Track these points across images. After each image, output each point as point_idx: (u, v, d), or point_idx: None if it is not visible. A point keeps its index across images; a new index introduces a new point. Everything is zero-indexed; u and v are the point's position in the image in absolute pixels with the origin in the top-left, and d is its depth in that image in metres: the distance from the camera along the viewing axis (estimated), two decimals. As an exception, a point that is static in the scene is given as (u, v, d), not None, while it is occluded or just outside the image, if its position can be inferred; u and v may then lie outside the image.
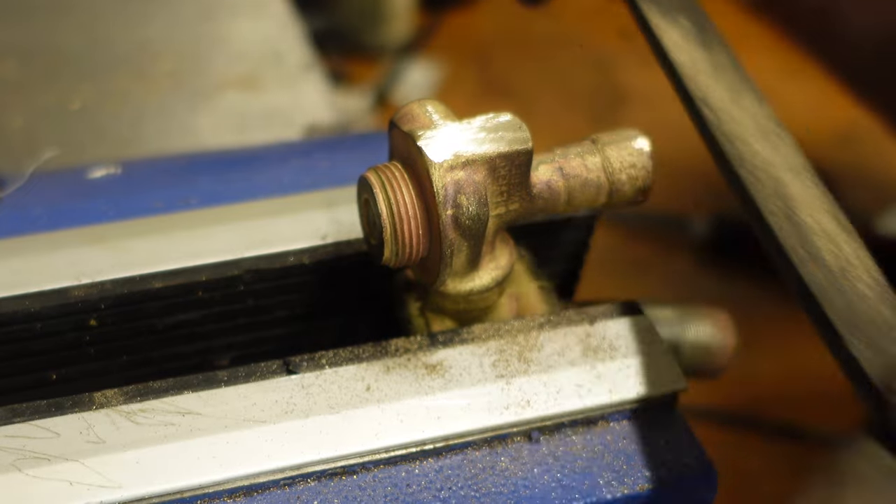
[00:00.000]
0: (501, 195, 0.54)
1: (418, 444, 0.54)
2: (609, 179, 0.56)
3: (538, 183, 0.56)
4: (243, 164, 0.82)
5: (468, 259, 0.55)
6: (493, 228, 0.55)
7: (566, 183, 0.56)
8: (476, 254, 0.55)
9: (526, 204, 0.55)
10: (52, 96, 1.12)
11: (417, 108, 0.56)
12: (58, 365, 0.60)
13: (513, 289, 0.63)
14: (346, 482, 0.53)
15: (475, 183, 0.52)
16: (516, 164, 0.54)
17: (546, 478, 0.54)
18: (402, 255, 0.54)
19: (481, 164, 0.53)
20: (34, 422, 0.51)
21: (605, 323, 0.61)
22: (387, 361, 0.56)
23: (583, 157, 0.56)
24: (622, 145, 0.57)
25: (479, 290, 0.57)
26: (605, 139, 0.57)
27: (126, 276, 0.59)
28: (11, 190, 0.71)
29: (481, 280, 0.57)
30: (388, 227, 0.54)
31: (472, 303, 0.58)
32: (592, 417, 0.57)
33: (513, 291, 0.63)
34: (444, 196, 0.52)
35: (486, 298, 0.58)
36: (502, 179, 0.54)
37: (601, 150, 0.56)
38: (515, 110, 0.58)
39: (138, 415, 0.52)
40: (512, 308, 0.62)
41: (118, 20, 1.24)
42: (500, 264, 0.57)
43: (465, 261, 0.55)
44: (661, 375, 0.59)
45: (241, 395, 0.53)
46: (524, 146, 0.53)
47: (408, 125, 0.54)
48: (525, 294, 0.63)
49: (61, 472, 0.49)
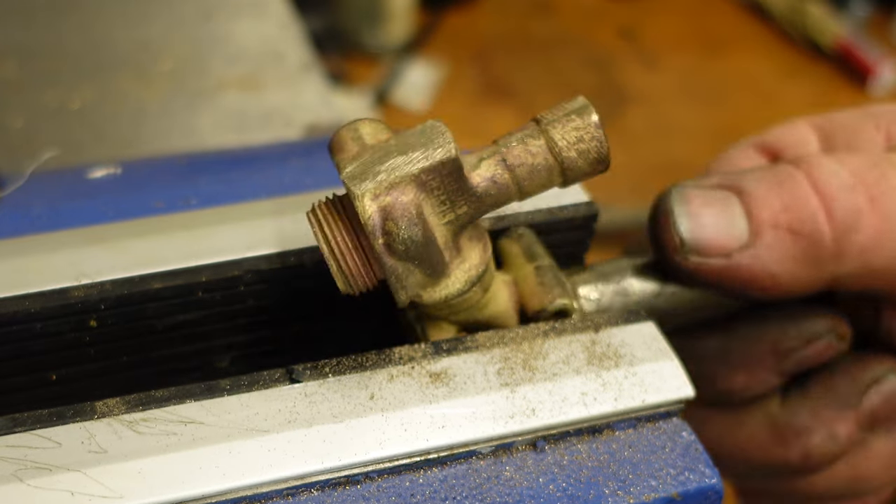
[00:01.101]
0: (444, 204, 0.53)
1: (422, 454, 0.54)
2: (558, 160, 0.53)
3: (482, 181, 0.53)
4: (243, 164, 0.82)
5: (426, 274, 0.54)
6: (449, 235, 0.54)
7: (512, 174, 0.53)
8: (433, 266, 0.54)
9: (474, 204, 0.53)
10: (52, 96, 1.12)
11: (346, 133, 0.54)
12: (57, 365, 0.60)
13: (510, 275, 0.62)
14: (349, 492, 0.52)
15: (403, 205, 0.51)
16: (445, 174, 0.52)
17: (551, 487, 0.54)
18: (356, 285, 0.54)
19: (407, 184, 0.51)
20: (35, 431, 0.50)
21: (610, 330, 0.60)
22: (390, 369, 0.56)
23: (525, 143, 0.53)
24: (565, 121, 0.53)
25: (455, 294, 0.56)
26: (549, 117, 0.53)
27: (126, 276, 0.59)
28: (11, 190, 0.70)
29: (455, 285, 0.55)
30: (332, 263, 0.53)
31: (454, 306, 0.58)
32: (598, 426, 0.57)
33: (509, 278, 0.62)
34: (373, 227, 0.51)
35: (469, 299, 0.58)
36: (437, 191, 0.52)
37: (544, 131, 0.53)
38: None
39: (140, 424, 0.51)
40: (511, 295, 0.61)
41: (118, 20, 1.24)
42: (473, 263, 0.56)
43: (423, 276, 0.54)
44: (666, 383, 0.58)
45: (243, 404, 0.53)
46: (447, 155, 0.51)
47: (337, 155, 0.53)
48: (522, 278, 0.62)
49: (63, 482, 0.48)
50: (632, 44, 2.72)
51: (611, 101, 2.50)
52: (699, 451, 0.57)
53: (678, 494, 0.55)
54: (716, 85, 2.64)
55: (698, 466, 0.56)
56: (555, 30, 2.74)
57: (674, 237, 0.62)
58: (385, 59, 2.88)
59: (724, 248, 0.61)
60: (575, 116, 0.52)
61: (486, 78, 2.60)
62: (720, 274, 0.61)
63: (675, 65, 2.67)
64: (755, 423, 0.70)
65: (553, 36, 2.63)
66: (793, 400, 0.70)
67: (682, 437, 0.58)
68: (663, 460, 0.56)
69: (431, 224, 0.52)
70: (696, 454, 0.57)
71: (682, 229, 0.61)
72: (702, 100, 2.53)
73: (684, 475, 0.55)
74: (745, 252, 0.61)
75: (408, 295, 0.53)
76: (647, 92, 2.54)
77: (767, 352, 0.68)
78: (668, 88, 2.58)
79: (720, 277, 0.62)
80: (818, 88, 2.91)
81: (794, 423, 0.69)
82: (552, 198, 0.67)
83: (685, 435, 0.58)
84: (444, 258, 0.54)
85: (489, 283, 0.59)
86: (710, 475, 0.56)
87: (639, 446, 0.57)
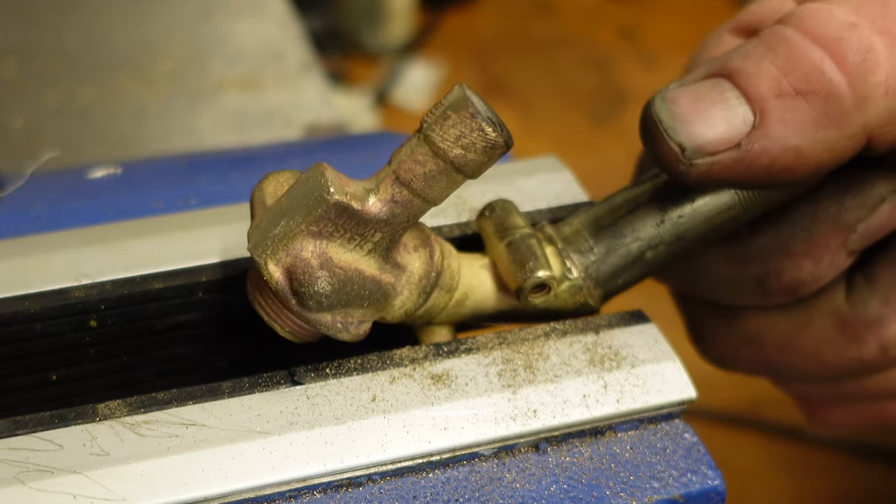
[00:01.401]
0: (352, 241, 0.51)
1: (424, 456, 0.53)
2: (446, 161, 0.50)
3: (383, 206, 0.51)
4: (243, 164, 0.82)
5: (367, 305, 0.53)
6: (378, 261, 0.53)
7: (410, 189, 0.51)
8: (370, 297, 0.53)
9: (386, 228, 0.52)
10: (52, 96, 1.12)
11: (256, 196, 0.54)
12: (58, 366, 0.59)
13: (489, 257, 0.61)
14: (351, 494, 0.52)
15: (304, 261, 0.50)
16: (334, 218, 0.50)
17: (553, 488, 0.54)
18: (306, 338, 0.54)
19: (301, 240, 0.50)
20: (37, 434, 0.50)
21: (612, 332, 0.60)
22: (392, 371, 0.56)
23: (413, 154, 0.50)
24: (442, 120, 0.50)
25: (414, 308, 0.55)
26: (428, 119, 0.50)
27: (126, 276, 0.59)
28: (11, 190, 0.70)
29: (410, 300, 0.55)
30: (275, 327, 0.53)
31: (427, 314, 0.57)
32: (600, 428, 0.57)
33: (487, 261, 0.60)
34: (283, 291, 0.50)
35: (436, 304, 0.57)
36: (338, 232, 0.51)
37: (426, 137, 0.50)
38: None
39: (142, 426, 0.51)
40: (496, 278, 0.60)
41: (118, 20, 1.24)
42: (421, 274, 0.55)
43: (367, 308, 0.53)
44: (668, 384, 0.58)
45: (245, 406, 0.53)
46: (325, 205, 0.50)
47: (251, 219, 0.53)
48: (497, 258, 0.59)
49: (65, 484, 0.48)
50: (632, 44, 2.72)
51: (611, 101, 2.50)
52: (701, 453, 0.57)
53: (681, 496, 0.55)
54: (715, 85, 2.64)
55: (701, 468, 0.56)
56: (555, 30, 2.74)
57: (671, 147, 0.54)
58: (385, 59, 2.88)
59: (730, 139, 0.54)
60: (451, 113, 0.49)
61: (486, 78, 2.60)
62: (735, 168, 0.54)
63: (676, 65, 2.67)
64: (822, 322, 0.64)
65: (553, 36, 2.63)
66: (860, 290, 0.63)
67: (685, 438, 0.58)
68: (666, 462, 0.56)
69: (349, 262, 0.51)
70: (698, 455, 0.57)
71: (677, 135, 0.54)
72: (701, 100, 2.52)
73: (687, 476, 0.55)
74: (755, 135, 0.53)
75: (353, 333, 0.53)
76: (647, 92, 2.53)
77: (830, 230, 0.61)
78: (668, 88, 2.58)
79: (736, 172, 0.55)
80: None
81: (865, 315, 0.62)
82: (552, 197, 0.67)
83: (687, 436, 0.58)
84: (381, 284, 0.53)
85: (452, 283, 0.57)
86: (713, 476, 0.56)
87: (641, 448, 0.57)
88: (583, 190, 0.68)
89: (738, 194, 0.59)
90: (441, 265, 0.56)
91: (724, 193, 0.59)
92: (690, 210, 0.59)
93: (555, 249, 0.59)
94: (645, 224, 0.59)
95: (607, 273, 0.60)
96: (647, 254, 0.59)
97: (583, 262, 0.60)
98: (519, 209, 0.61)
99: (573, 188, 0.68)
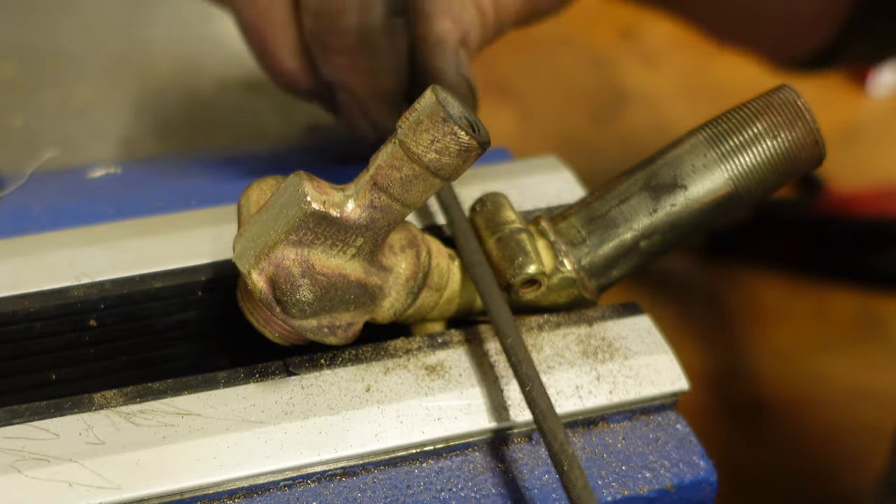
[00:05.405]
0: (335, 246, 0.52)
1: (418, 446, 0.54)
2: (422, 166, 0.50)
3: (363, 211, 0.51)
4: (243, 165, 0.82)
5: (355, 309, 0.54)
6: (363, 264, 0.53)
7: (388, 194, 0.51)
8: (356, 301, 0.53)
9: (368, 233, 0.52)
10: (52, 96, 1.12)
11: (242, 202, 0.55)
12: (57, 365, 0.60)
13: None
14: (346, 483, 0.53)
15: (286, 270, 0.51)
16: (313, 226, 0.51)
17: (546, 478, 0.54)
18: (295, 342, 0.55)
19: (283, 249, 0.51)
20: (33, 423, 0.51)
21: (605, 324, 0.61)
22: (386, 362, 0.56)
23: (390, 159, 0.51)
24: (415, 125, 0.49)
25: (403, 308, 0.56)
26: (403, 125, 0.50)
27: (126, 276, 0.59)
28: (11, 190, 0.71)
29: (399, 300, 0.55)
30: (266, 333, 0.54)
31: (418, 312, 0.57)
32: (593, 419, 0.57)
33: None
34: (267, 300, 0.51)
35: (426, 303, 0.57)
36: (319, 239, 0.51)
37: (401, 142, 0.50)
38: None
39: (138, 416, 0.52)
40: None
41: (118, 20, 1.24)
42: (408, 275, 0.56)
43: (355, 311, 0.54)
44: (661, 376, 0.59)
45: (240, 396, 0.53)
46: (302, 214, 0.50)
47: (238, 227, 0.54)
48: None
49: (61, 473, 0.49)
50: (632, 44, 2.72)
51: (611, 101, 2.50)
52: (693, 444, 0.57)
53: (672, 486, 0.55)
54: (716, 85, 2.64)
55: (692, 458, 0.56)
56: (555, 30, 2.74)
57: None
58: (385, 59, 2.87)
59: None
60: (423, 118, 0.49)
61: (487, 78, 2.60)
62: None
63: (675, 65, 2.67)
64: None
65: (553, 36, 2.62)
66: None
67: (677, 429, 0.58)
68: (658, 452, 0.56)
69: (332, 267, 0.52)
70: (690, 446, 0.57)
71: None
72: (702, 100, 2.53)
73: (678, 467, 0.56)
74: None
75: (340, 336, 0.53)
76: (647, 92, 2.54)
77: None
78: (668, 88, 2.58)
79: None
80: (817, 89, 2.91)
81: None
82: (552, 197, 0.68)
83: (679, 427, 0.58)
84: (367, 287, 0.54)
85: (441, 282, 0.58)
86: (705, 467, 0.56)
87: (633, 438, 0.57)
88: (583, 189, 0.69)
89: (732, 176, 0.58)
90: (428, 265, 0.56)
91: (717, 176, 0.58)
92: (683, 197, 0.58)
93: (547, 243, 0.60)
94: (637, 214, 0.59)
95: (601, 264, 0.60)
96: (641, 243, 0.59)
97: (576, 254, 0.60)
98: (511, 203, 0.61)
99: (573, 188, 0.69)
